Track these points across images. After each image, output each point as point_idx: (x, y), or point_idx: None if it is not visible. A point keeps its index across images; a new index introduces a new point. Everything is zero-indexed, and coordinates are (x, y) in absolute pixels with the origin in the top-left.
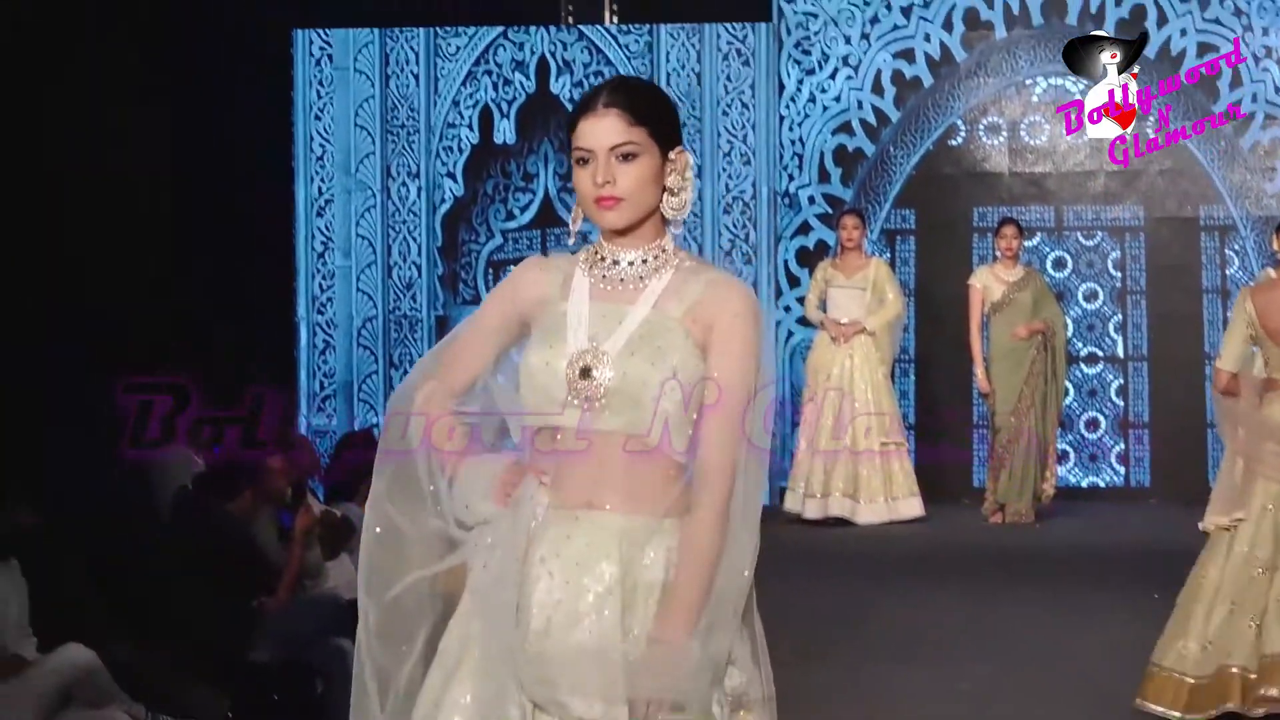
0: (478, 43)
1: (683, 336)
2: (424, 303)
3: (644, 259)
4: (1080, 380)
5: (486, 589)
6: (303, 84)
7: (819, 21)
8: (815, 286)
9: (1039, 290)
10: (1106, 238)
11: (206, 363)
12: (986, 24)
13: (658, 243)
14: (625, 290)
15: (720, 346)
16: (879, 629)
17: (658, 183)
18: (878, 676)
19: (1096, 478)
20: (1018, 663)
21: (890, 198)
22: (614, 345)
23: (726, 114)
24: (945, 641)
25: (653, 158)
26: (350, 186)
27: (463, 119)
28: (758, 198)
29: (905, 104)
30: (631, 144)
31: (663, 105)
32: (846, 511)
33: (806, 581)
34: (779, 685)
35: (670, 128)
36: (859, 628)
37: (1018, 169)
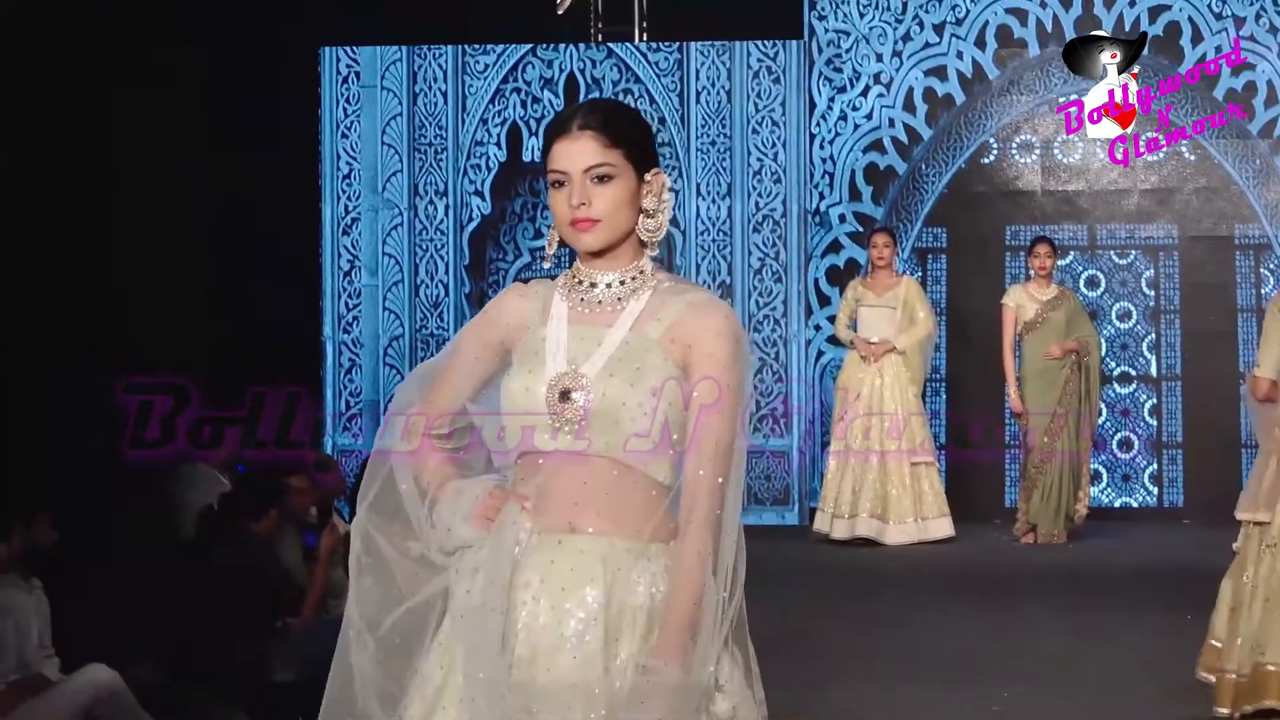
0: (506, 60)
1: (662, 357)
2: (451, 321)
3: (621, 280)
4: (1113, 400)
5: (470, 615)
6: (330, 102)
7: (850, 39)
8: (845, 305)
9: (1073, 309)
10: (1140, 256)
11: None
12: (1019, 41)
13: (635, 264)
14: (603, 313)
15: (704, 363)
16: (909, 650)
17: (634, 205)
18: (909, 698)
19: (1130, 498)
20: (1051, 684)
21: (921, 216)
22: (592, 367)
23: (757, 132)
24: (976, 663)
25: (628, 179)
26: (377, 205)
27: (490, 136)
28: (788, 216)
29: (937, 122)
30: (607, 165)
31: (638, 126)
32: (874, 532)
33: (836, 602)
34: (809, 707)
35: (646, 149)
36: (889, 649)
37: (1050, 187)
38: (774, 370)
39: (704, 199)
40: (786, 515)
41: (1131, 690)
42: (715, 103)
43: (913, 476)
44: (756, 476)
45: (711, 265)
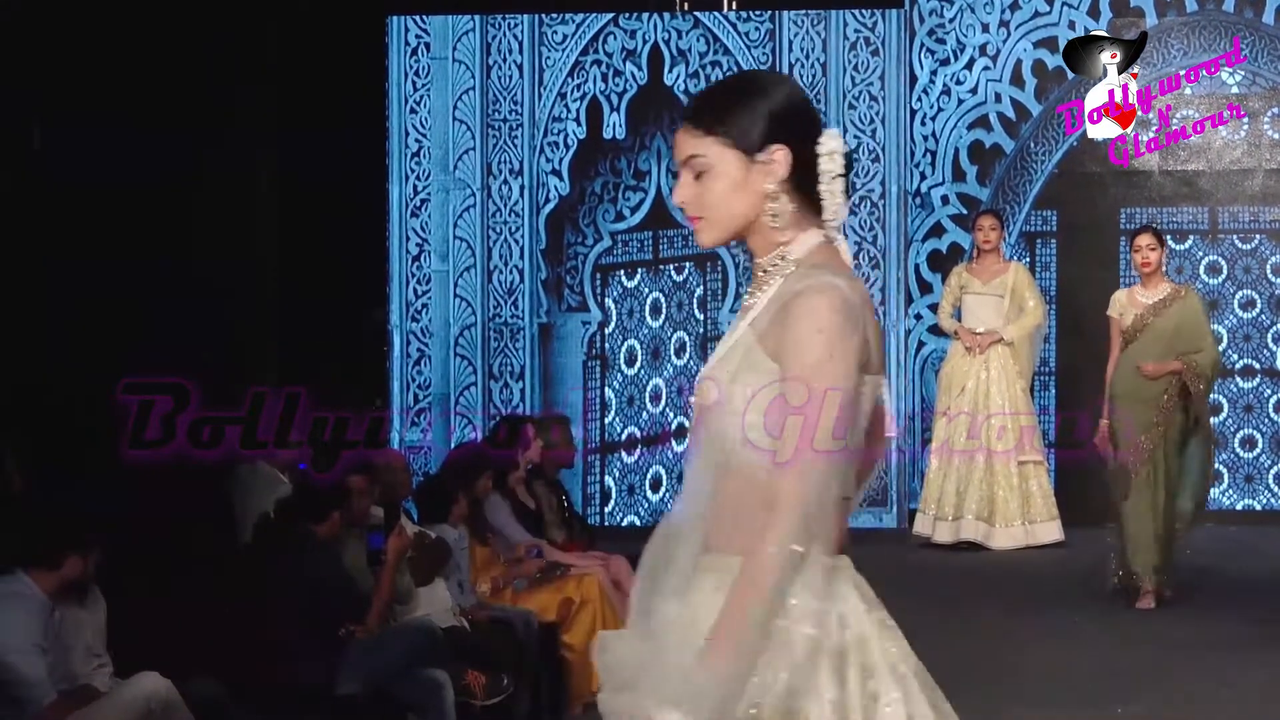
0: (586, 31)
1: (761, 354)
2: (526, 309)
3: (764, 270)
4: (1236, 395)
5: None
6: (398, 75)
7: (954, 8)
8: (949, 293)
9: (1187, 314)
10: (1265, 241)
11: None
12: (1136, 10)
13: (777, 251)
14: (749, 305)
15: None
16: (1016, 665)
17: (747, 190)
18: (1018, 714)
19: (1252, 500)
20: (1171, 703)
21: (1030, 198)
22: (708, 366)
23: (854, 107)
24: (1088, 680)
25: (730, 166)
26: (448, 185)
27: (569, 112)
28: (886, 197)
29: (1047, 97)
30: (699, 158)
31: (739, 103)
32: (980, 535)
33: (937, 611)
34: None
35: (751, 126)
36: (994, 663)
37: (1169, 167)
38: None
39: None
40: (884, 518)
41: (1257, 706)
42: (810, 76)
43: (1020, 476)
44: None
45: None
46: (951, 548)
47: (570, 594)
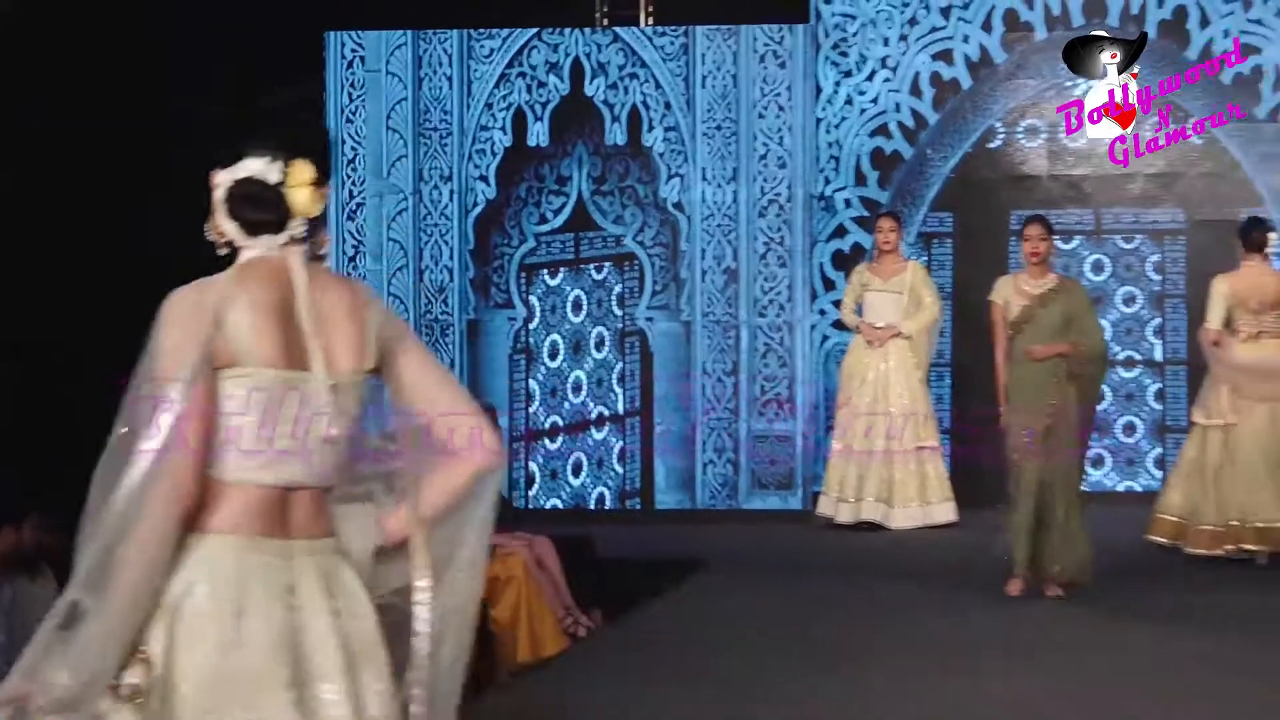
0: (511, 45)
1: None
2: (455, 306)
3: None
4: (1118, 384)
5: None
6: (334, 86)
7: (856, 23)
8: (851, 290)
9: (1073, 304)
10: (1145, 241)
11: None
12: (1026, 25)
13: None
14: None
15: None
16: (912, 638)
17: None
18: (911, 687)
19: (1133, 481)
20: (1052, 672)
21: (927, 201)
22: None
23: (763, 116)
24: (979, 650)
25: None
26: (382, 190)
27: (496, 121)
28: (793, 200)
29: (943, 106)
30: None
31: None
32: (879, 516)
33: (839, 587)
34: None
35: (222, 149)
36: (893, 635)
37: (1057, 172)
38: (779, 355)
39: (709, 184)
40: (790, 500)
41: (1132, 672)
42: (721, 87)
43: (917, 461)
44: (760, 461)
45: (717, 250)
46: (853, 528)
47: (497, 572)
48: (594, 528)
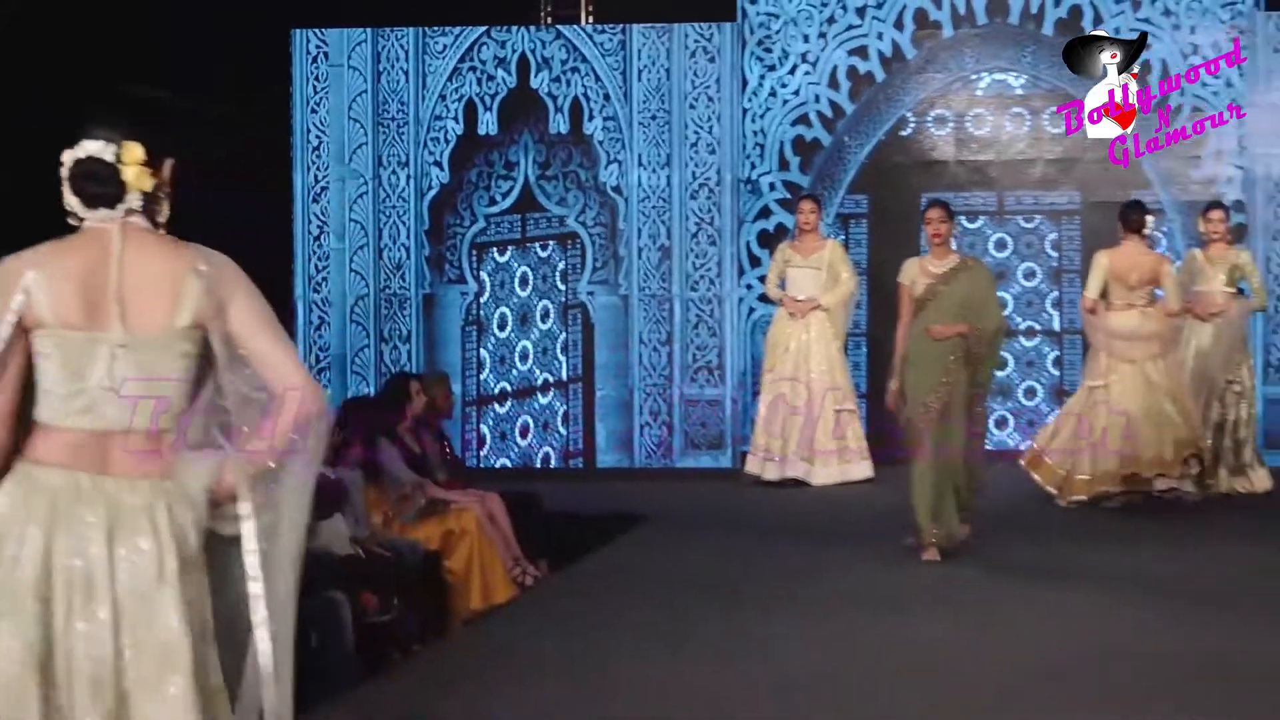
0: (463, 41)
1: None
2: (412, 282)
3: None
4: (1020, 352)
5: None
6: (300, 80)
7: (779, 21)
8: (775, 266)
9: (975, 285)
10: (1045, 220)
11: None
12: (935, 23)
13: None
14: None
15: None
16: (836, 584)
17: None
18: (834, 629)
19: (1034, 442)
20: (968, 615)
21: (844, 184)
22: None
23: (694, 107)
24: (901, 597)
25: None
26: (344, 175)
27: (449, 112)
28: (722, 184)
29: (859, 98)
30: None
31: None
32: (802, 473)
33: (766, 539)
34: (742, 641)
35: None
36: (817, 582)
37: (963, 158)
38: (709, 325)
39: (645, 168)
40: (720, 459)
41: (1045, 625)
42: (655, 80)
43: (836, 423)
44: (693, 423)
45: (652, 229)
46: (778, 484)
47: (451, 526)
48: (540, 485)
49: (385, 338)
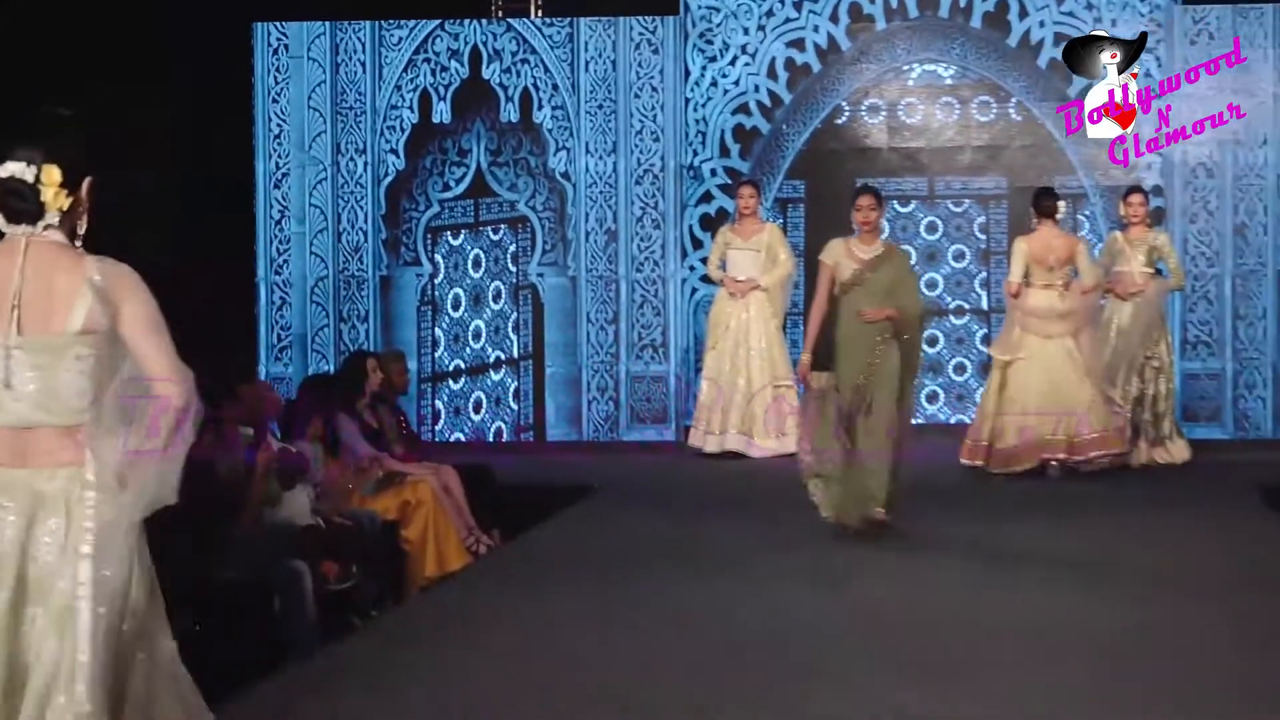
0: (418, 34)
1: None
2: (370, 264)
3: None
4: (950, 330)
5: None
6: (262, 71)
7: (720, 15)
8: (716, 249)
9: (899, 271)
10: (973, 205)
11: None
12: (868, 17)
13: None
14: None
15: None
16: (774, 550)
17: None
18: (774, 593)
19: (963, 415)
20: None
21: (783, 170)
22: None
23: (638, 96)
24: (838, 564)
25: None
26: (304, 162)
27: (404, 101)
28: (666, 170)
29: (796, 88)
30: None
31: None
32: (741, 446)
33: (707, 508)
34: (683, 597)
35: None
36: (755, 549)
37: (895, 145)
38: (653, 305)
39: (592, 155)
40: (664, 432)
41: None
42: (602, 71)
43: (774, 398)
44: (638, 398)
45: (599, 214)
46: (718, 456)
47: (407, 497)
48: (492, 458)
49: (344, 317)
